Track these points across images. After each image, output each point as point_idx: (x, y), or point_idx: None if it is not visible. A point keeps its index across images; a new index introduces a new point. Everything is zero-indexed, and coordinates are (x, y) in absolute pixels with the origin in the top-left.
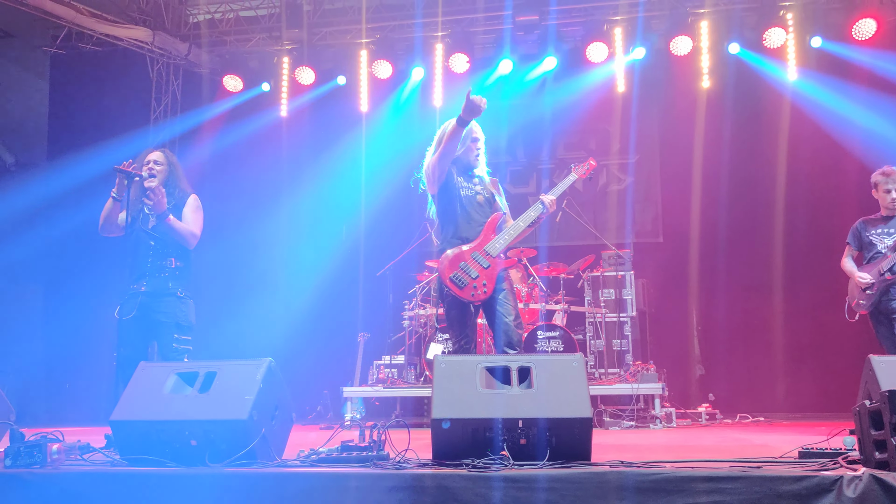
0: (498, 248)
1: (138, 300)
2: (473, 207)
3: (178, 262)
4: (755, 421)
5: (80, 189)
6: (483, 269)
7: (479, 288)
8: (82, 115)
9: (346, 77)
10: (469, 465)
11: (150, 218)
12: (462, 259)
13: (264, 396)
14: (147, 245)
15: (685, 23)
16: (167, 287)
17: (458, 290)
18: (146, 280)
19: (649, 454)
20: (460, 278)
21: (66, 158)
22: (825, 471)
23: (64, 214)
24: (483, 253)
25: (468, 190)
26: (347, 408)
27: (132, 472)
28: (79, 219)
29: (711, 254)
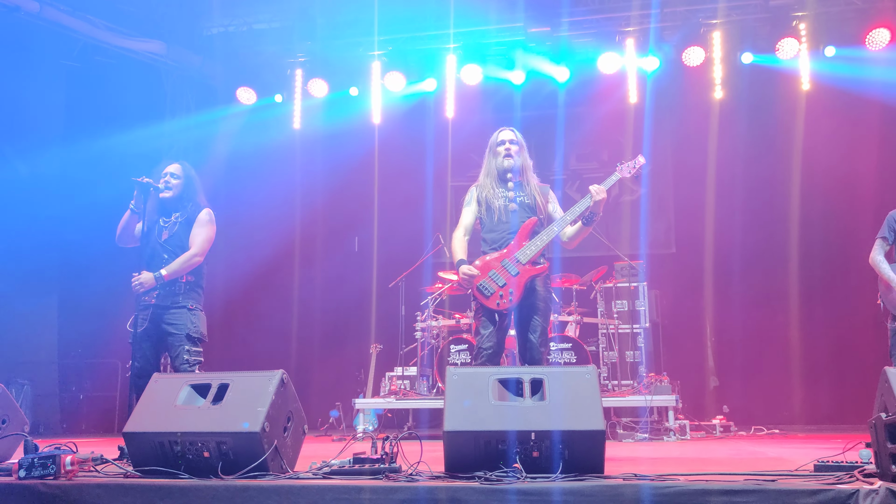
0: (528, 254)
1: (150, 312)
2: (505, 214)
3: (190, 275)
4: (770, 433)
5: (95, 200)
6: (511, 276)
7: (506, 296)
8: (97, 127)
9: (359, 89)
10: (482, 478)
11: (163, 230)
12: (491, 267)
13: (276, 408)
14: (160, 258)
15: (697, 33)
16: (178, 300)
17: (483, 299)
18: (158, 292)
19: (663, 467)
20: (487, 287)
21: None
22: (841, 484)
23: (78, 225)
24: (513, 260)
25: (501, 199)
26: (360, 420)
27: (145, 483)
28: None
29: (725, 264)
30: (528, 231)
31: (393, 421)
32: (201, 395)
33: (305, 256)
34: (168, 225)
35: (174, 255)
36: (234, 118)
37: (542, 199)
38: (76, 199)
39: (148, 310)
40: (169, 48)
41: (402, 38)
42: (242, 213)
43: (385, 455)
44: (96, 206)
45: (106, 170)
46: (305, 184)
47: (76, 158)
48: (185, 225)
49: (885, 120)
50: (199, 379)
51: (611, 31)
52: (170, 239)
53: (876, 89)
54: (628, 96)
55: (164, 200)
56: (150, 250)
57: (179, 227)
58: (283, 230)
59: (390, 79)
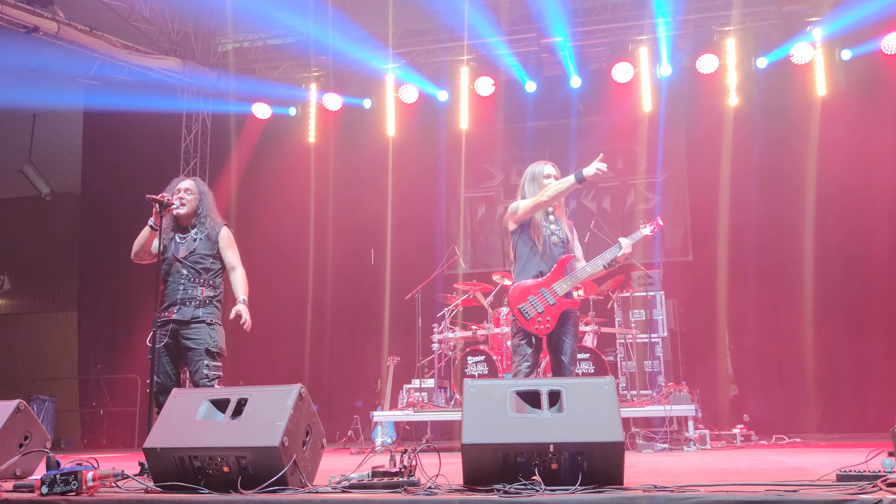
0: (565, 288)
1: (169, 328)
2: (548, 246)
3: (209, 291)
4: (791, 442)
5: (112, 217)
6: (549, 305)
7: (543, 322)
8: (115, 145)
9: (374, 102)
10: (500, 491)
11: (180, 247)
12: (531, 293)
13: (295, 422)
14: (179, 274)
15: (711, 41)
16: (198, 315)
17: (523, 321)
18: (178, 308)
19: (683, 478)
20: (527, 310)
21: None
22: (864, 494)
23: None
24: (551, 290)
25: (545, 229)
26: (378, 432)
27: (166, 499)
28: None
29: (742, 272)
30: (565, 266)
31: (411, 433)
32: (220, 410)
33: (319, 269)
34: (185, 242)
35: (193, 271)
36: (249, 132)
37: (571, 236)
38: (94, 215)
39: (168, 325)
40: (185, 64)
41: (415, 50)
42: (257, 227)
43: (403, 468)
44: (114, 222)
45: (124, 186)
46: (320, 196)
47: (94, 175)
48: (205, 242)
49: None
50: (218, 394)
51: (624, 39)
52: (189, 256)
53: (891, 93)
54: (642, 105)
55: (178, 217)
56: (168, 267)
57: (199, 243)
58: (297, 243)
59: (404, 91)
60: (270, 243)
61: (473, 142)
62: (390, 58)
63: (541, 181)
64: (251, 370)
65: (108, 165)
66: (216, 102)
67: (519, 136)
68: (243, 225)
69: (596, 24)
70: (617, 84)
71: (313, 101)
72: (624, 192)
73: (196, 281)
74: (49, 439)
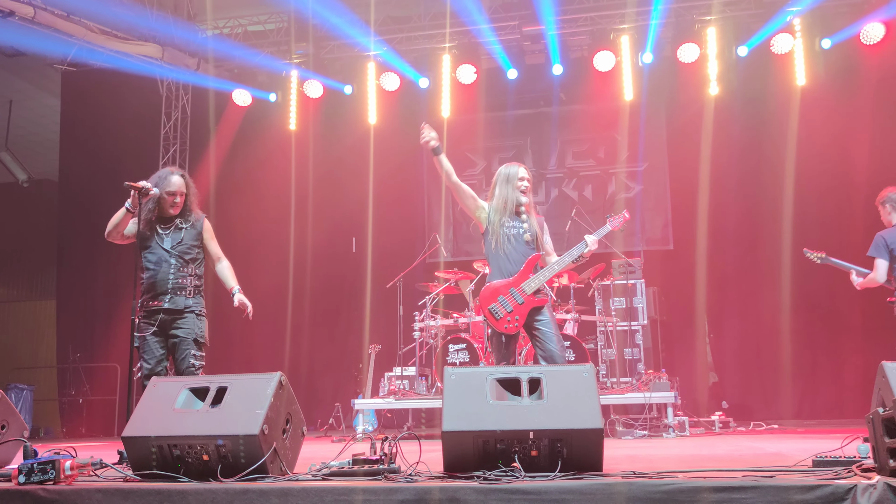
0: (533, 286)
1: (158, 317)
2: (516, 246)
3: (196, 280)
4: (769, 428)
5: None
6: (518, 304)
7: (512, 321)
8: (93, 132)
9: (355, 89)
10: (480, 478)
11: (164, 237)
12: (500, 293)
13: (275, 410)
14: (167, 263)
15: (692, 30)
16: (189, 305)
17: (493, 321)
18: (167, 298)
19: (662, 464)
20: (496, 310)
21: (77, 173)
22: (839, 479)
23: (76, 230)
24: (520, 290)
25: (514, 229)
26: (359, 420)
27: (145, 487)
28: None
29: (723, 260)
30: (533, 265)
31: (392, 421)
32: (200, 398)
33: (301, 257)
34: (170, 232)
35: (181, 261)
36: (229, 119)
37: (541, 233)
38: (73, 202)
39: (157, 314)
40: (164, 51)
41: (397, 38)
42: (237, 215)
43: (384, 456)
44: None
45: (102, 173)
46: (301, 184)
47: (72, 162)
48: (191, 232)
49: (879, 114)
50: (198, 382)
51: (605, 28)
52: (177, 246)
53: (870, 82)
54: (623, 93)
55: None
56: (154, 256)
57: (185, 233)
58: (278, 231)
59: (385, 79)
60: (251, 231)
61: (455, 130)
62: (371, 45)
63: (515, 182)
64: (232, 358)
65: (87, 152)
66: (196, 89)
67: (500, 124)
68: (223, 213)
69: (578, 13)
70: (598, 73)
71: (294, 88)
72: (605, 181)
73: (184, 271)
74: (27, 428)
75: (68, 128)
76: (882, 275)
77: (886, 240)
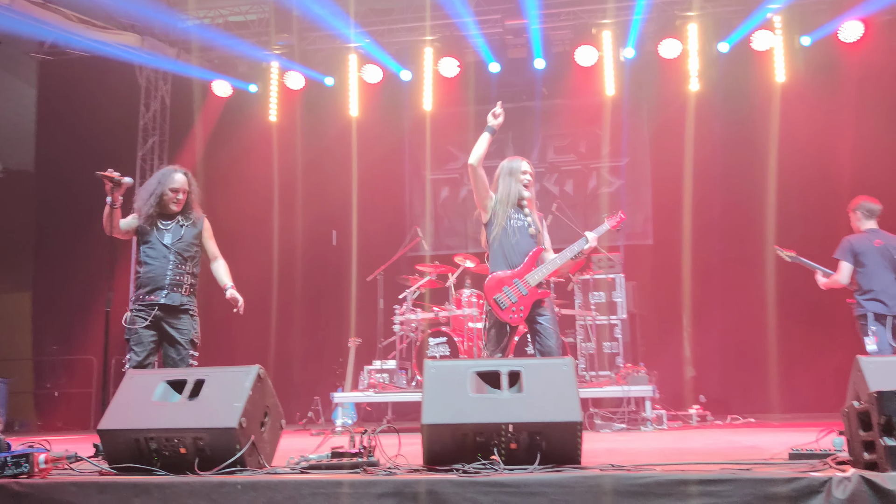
0: (536, 279)
1: (153, 311)
2: (520, 239)
3: (192, 279)
4: (746, 422)
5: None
6: (522, 295)
7: (517, 312)
8: (71, 122)
9: (336, 81)
10: (459, 471)
11: (165, 233)
12: (505, 283)
13: (253, 403)
14: (166, 259)
15: (673, 26)
16: (185, 303)
17: (498, 311)
18: (164, 294)
19: (640, 457)
20: (502, 300)
21: (53, 163)
22: (815, 472)
23: (52, 222)
24: (524, 281)
25: (518, 221)
26: (338, 413)
27: (121, 480)
28: (67, 226)
29: (702, 256)
30: (536, 258)
31: (372, 414)
32: (177, 390)
33: (284, 251)
34: (171, 228)
35: (180, 258)
36: (209, 110)
37: (541, 226)
38: (49, 193)
39: (152, 308)
40: (144, 40)
41: (379, 30)
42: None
43: (363, 449)
44: (70, 201)
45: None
46: (283, 176)
47: (49, 152)
48: (191, 229)
49: (860, 109)
50: (175, 375)
51: (587, 23)
52: (177, 242)
53: (850, 79)
54: (605, 88)
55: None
56: (153, 251)
57: (186, 231)
58: (260, 224)
59: (367, 71)
60: (232, 224)
61: (437, 123)
62: (353, 37)
63: (518, 175)
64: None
65: (64, 143)
66: (175, 79)
67: (483, 118)
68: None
69: (560, 7)
70: (581, 68)
71: (275, 79)
72: (586, 176)
73: (182, 267)
74: (1, 421)
75: (45, 118)
76: (846, 277)
77: (853, 244)
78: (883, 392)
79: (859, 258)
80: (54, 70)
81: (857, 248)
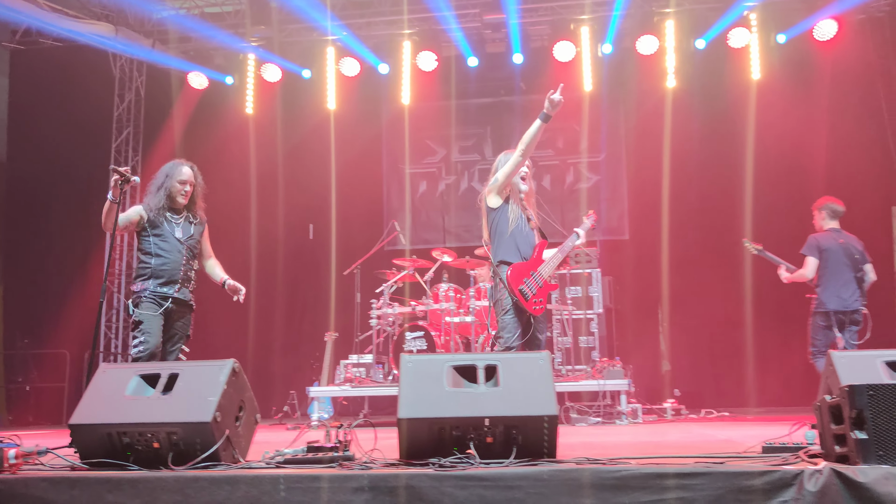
0: (547, 272)
1: (167, 304)
2: (528, 231)
3: (195, 276)
4: (720, 416)
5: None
6: (539, 287)
7: (539, 303)
8: (43, 113)
9: (314, 74)
10: (436, 465)
11: (176, 227)
12: (526, 274)
13: (228, 398)
14: (179, 253)
15: (651, 22)
16: (189, 299)
17: (523, 301)
18: (177, 287)
19: (615, 451)
20: (525, 291)
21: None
22: (787, 465)
23: (24, 214)
24: (538, 273)
25: (524, 213)
26: (315, 408)
27: (93, 476)
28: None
29: (677, 251)
30: (542, 250)
31: (348, 409)
32: (151, 385)
33: (263, 243)
34: (181, 223)
35: (190, 254)
36: (184, 102)
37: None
38: (21, 185)
39: (164, 300)
40: (118, 30)
41: (357, 22)
42: None
43: (339, 443)
44: (42, 193)
45: (52, 155)
46: (260, 170)
47: (21, 144)
48: (199, 227)
49: (833, 105)
50: (149, 369)
51: (565, 18)
52: (187, 239)
53: (824, 77)
54: (583, 84)
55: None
56: (167, 244)
57: (195, 228)
58: (238, 217)
59: (345, 64)
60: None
61: (415, 117)
62: (331, 29)
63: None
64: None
65: (36, 134)
66: (150, 70)
67: (461, 112)
68: None
69: (538, 2)
70: (559, 63)
71: (251, 71)
72: (564, 171)
73: (191, 263)
74: None
75: (17, 109)
76: (811, 271)
77: (819, 241)
78: (854, 386)
79: (824, 255)
80: (26, 60)
81: (822, 245)
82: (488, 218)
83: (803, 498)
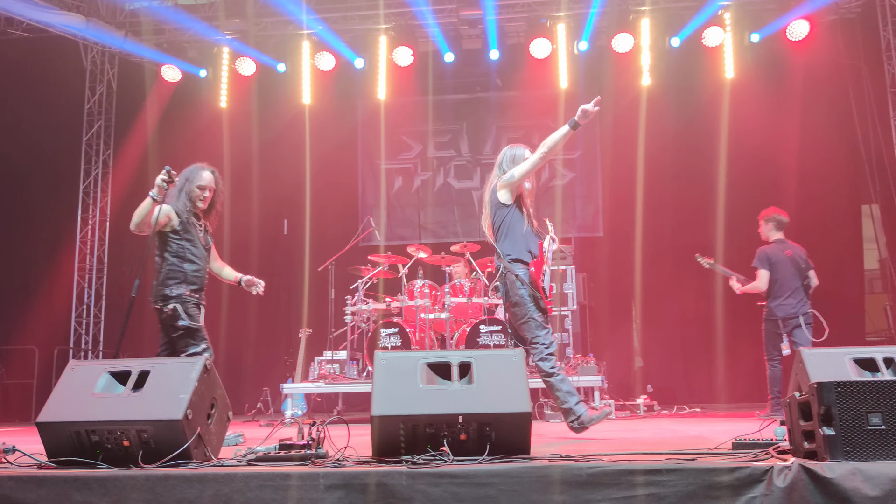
0: (548, 271)
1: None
2: (534, 230)
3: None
4: (692, 411)
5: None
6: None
7: (550, 302)
8: (11, 105)
9: (289, 68)
10: (409, 462)
11: (200, 232)
12: (542, 274)
13: (199, 395)
14: (205, 259)
15: (627, 20)
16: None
17: (545, 297)
18: (203, 295)
19: (588, 447)
20: (546, 290)
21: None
22: (757, 461)
23: None
24: (545, 272)
25: (529, 215)
26: (288, 404)
27: (61, 475)
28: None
29: (650, 247)
30: (544, 249)
31: (322, 405)
32: (121, 382)
33: (236, 238)
34: (202, 230)
35: (208, 260)
36: (157, 95)
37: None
38: None
39: (201, 306)
40: (88, 21)
41: (333, 16)
42: None
43: (312, 440)
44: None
45: (22, 149)
46: (234, 164)
47: None
48: (211, 238)
49: (805, 104)
50: (119, 366)
51: (541, 15)
52: (208, 246)
53: (796, 76)
54: (559, 81)
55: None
56: (198, 250)
57: (210, 238)
58: None
59: (320, 58)
60: None
61: (391, 112)
62: (306, 23)
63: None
64: None
65: (4, 127)
66: (122, 63)
67: (437, 108)
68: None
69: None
70: (535, 60)
71: (226, 65)
72: (539, 168)
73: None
74: None
75: None
76: (764, 283)
77: (768, 254)
78: (822, 383)
79: (774, 267)
80: None
81: (771, 257)
82: (497, 213)
83: (772, 493)
